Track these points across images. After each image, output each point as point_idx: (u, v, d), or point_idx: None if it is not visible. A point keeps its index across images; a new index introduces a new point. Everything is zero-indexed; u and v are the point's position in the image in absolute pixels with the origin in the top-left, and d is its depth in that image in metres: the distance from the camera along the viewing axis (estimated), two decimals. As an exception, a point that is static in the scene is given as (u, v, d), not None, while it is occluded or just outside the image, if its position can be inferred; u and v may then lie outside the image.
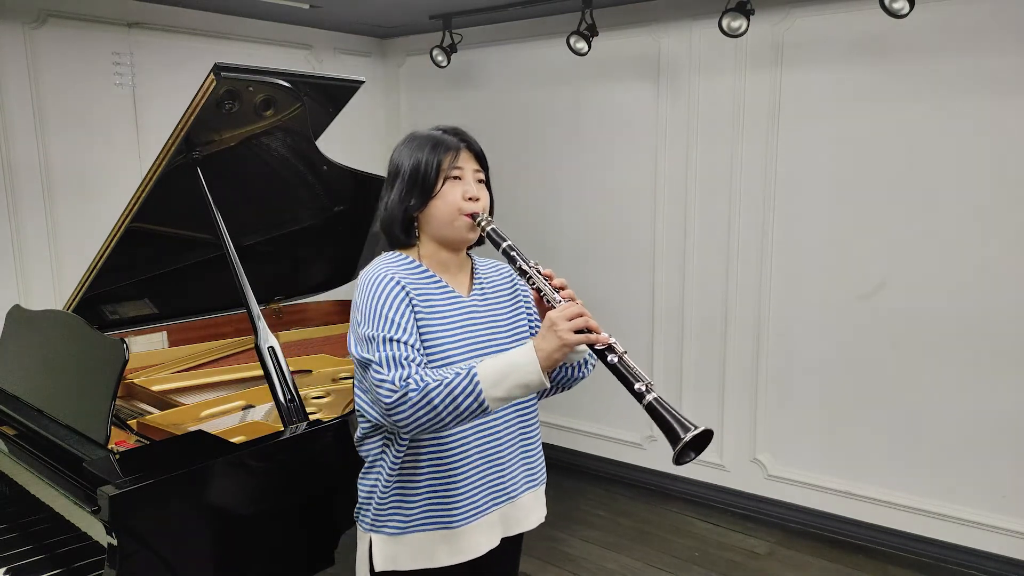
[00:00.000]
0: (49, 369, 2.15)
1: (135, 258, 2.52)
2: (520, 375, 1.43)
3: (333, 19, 4.11)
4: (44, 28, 3.29)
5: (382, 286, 1.54)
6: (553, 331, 1.43)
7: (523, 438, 1.71)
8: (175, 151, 2.14)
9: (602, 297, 4.05)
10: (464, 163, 1.63)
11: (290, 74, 2.23)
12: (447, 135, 1.65)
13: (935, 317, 3.11)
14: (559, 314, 1.44)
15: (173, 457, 1.81)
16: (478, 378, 1.42)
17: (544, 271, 1.56)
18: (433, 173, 1.59)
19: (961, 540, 3.15)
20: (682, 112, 3.65)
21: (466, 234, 1.62)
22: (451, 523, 1.58)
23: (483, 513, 1.62)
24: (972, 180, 2.98)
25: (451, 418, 1.43)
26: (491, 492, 1.64)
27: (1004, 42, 2.86)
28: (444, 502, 1.58)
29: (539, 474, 1.77)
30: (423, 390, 1.41)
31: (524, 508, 1.72)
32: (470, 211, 1.60)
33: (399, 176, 1.62)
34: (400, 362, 1.45)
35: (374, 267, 1.60)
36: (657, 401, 1.39)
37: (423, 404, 1.41)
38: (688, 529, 3.57)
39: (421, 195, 1.60)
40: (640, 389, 1.40)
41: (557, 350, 1.43)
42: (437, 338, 1.56)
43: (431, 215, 1.61)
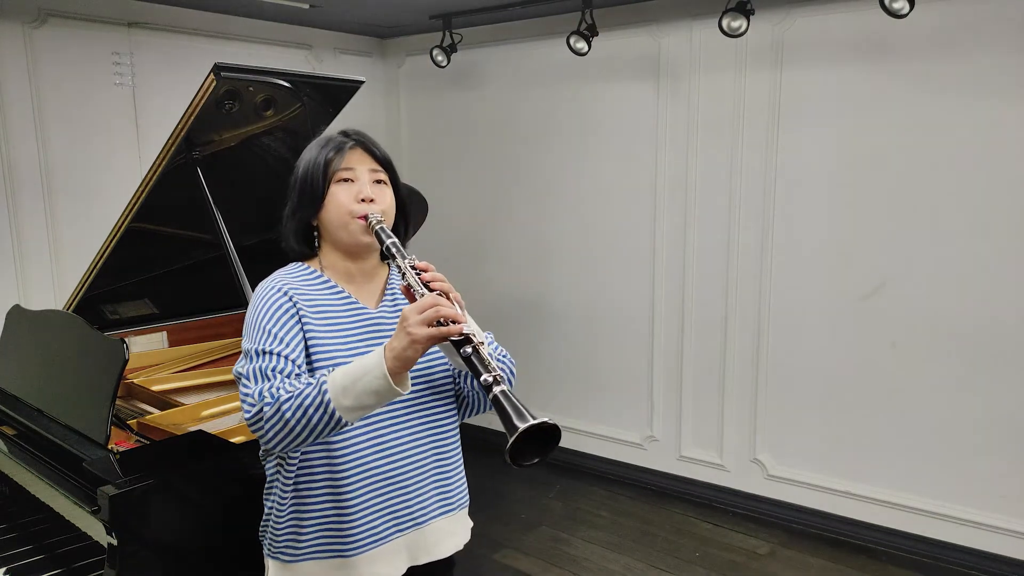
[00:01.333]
0: (49, 369, 2.15)
1: (135, 258, 2.52)
2: (368, 381, 1.29)
3: (333, 19, 4.11)
4: (44, 28, 3.29)
5: (266, 297, 1.45)
6: (403, 327, 1.29)
7: (438, 459, 1.56)
8: (175, 151, 2.14)
9: (602, 297, 4.05)
10: (355, 163, 1.51)
11: (290, 74, 2.23)
12: (339, 136, 1.54)
13: (935, 317, 3.11)
14: (411, 308, 1.31)
15: (173, 457, 1.81)
16: (327, 387, 1.29)
17: (419, 264, 1.43)
18: (320, 176, 1.49)
19: (961, 540, 3.15)
20: (682, 112, 3.65)
21: (360, 237, 1.50)
22: (345, 551, 1.46)
23: (383, 541, 1.49)
24: (972, 180, 2.98)
25: (307, 432, 1.31)
26: (393, 517, 1.50)
27: (1004, 42, 2.86)
28: (338, 528, 1.46)
29: (456, 498, 1.61)
30: (276, 403, 1.30)
31: (435, 534, 1.57)
32: (361, 213, 1.48)
33: (294, 184, 1.54)
34: (266, 374, 1.36)
35: (267, 279, 1.51)
36: (504, 393, 1.25)
37: (276, 419, 1.30)
38: (690, 529, 3.56)
39: (311, 201, 1.50)
40: (487, 380, 1.27)
41: (407, 348, 1.28)
42: (331, 351, 1.45)
43: (325, 221, 1.51)
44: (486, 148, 4.35)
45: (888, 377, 3.25)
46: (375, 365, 1.29)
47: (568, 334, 4.21)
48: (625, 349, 4.01)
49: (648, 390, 3.95)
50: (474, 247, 4.49)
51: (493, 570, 3.21)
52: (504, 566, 3.24)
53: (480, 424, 4.50)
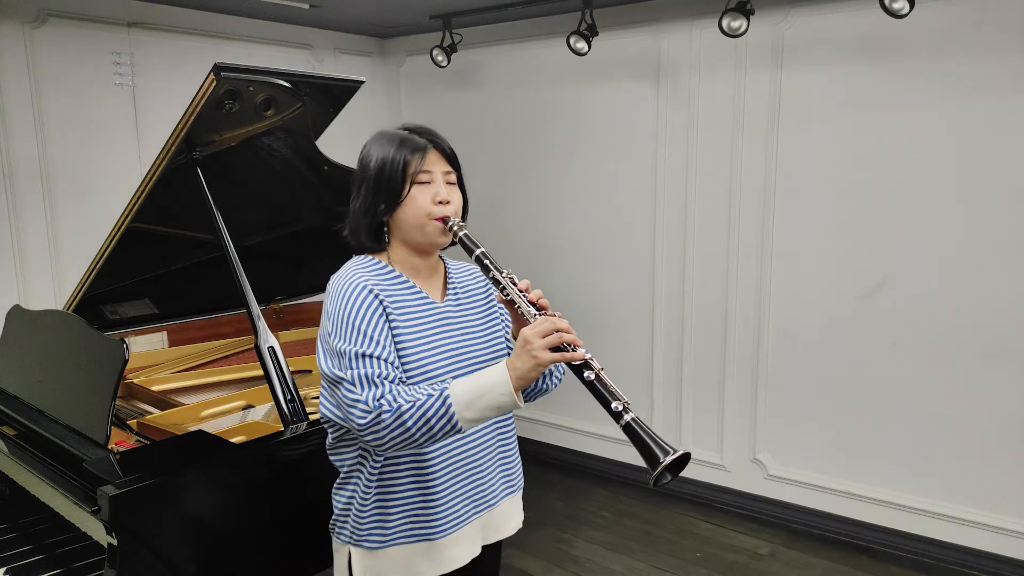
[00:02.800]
0: (49, 369, 2.15)
1: (135, 258, 2.52)
2: (493, 397, 1.38)
3: (333, 19, 4.11)
4: (44, 28, 3.29)
5: (354, 295, 1.47)
6: (527, 350, 1.37)
7: (501, 444, 1.67)
8: (175, 151, 2.14)
9: (602, 297, 4.05)
10: (433, 165, 1.55)
11: (290, 74, 2.22)
12: (414, 134, 1.57)
13: (935, 317, 3.11)
14: (533, 331, 1.38)
15: (173, 457, 1.81)
16: (451, 400, 1.37)
17: (519, 283, 1.49)
18: (400, 176, 1.52)
19: (961, 540, 3.15)
20: (682, 112, 3.65)
21: (437, 239, 1.55)
22: (432, 535, 1.54)
23: (464, 523, 1.58)
24: (972, 179, 2.98)
25: (425, 438, 1.39)
26: (472, 501, 1.60)
27: (1004, 42, 2.86)
28: (425, 514, 1.53)
29: (517, 480, 1.73)
30: (396, 412, 1.37)
31: (503, 515, 1.68)
32: (440, 215, 1.53)
33: (365, 178, 1.56)
34: (373, 380, 1.40)
35: (345, 274, 1.53)
36: (635, 421, 1.33)
37: (396, 426, 1.37)
38: (691, 530, 3.56)
39: (388, 200, 1.53)
40: (617, 408, 1.35)
41: (532, 370, 1.37)
42: (413, 347, 1.50)
43: (400, 220, 1.54)
44: (486, 148, 4.35)
45: (888, 377, 3.25)
46: (500, 383, 1.38)
47: (568, 334, 4.20)
48: (625, 349, 4.01)
49: (648, 390, 3.95)
50: (474, 247, 4.48)
51: (493, 570, 3.21)
52: (506, 565, 3.23)
53: (480, 424, 4.50)
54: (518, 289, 1.48)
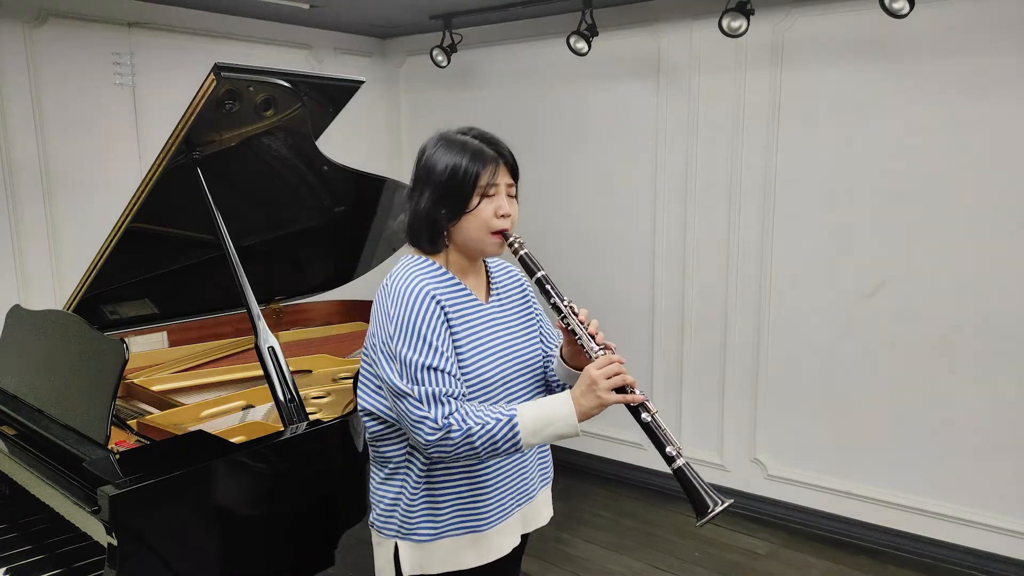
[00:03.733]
0: (49, 369, 2.15)
1: (135, 258, 2.52)
2: (558, 427, 1.47)
3: (333, 19, 4.11)
4: (44, 28, 3.29)
5: (419, 301, 1.49)
6: (593, 391, 1.46)
7: None
8: (175, 151, 2.14)
9: (602, 297, 4.05)
10: (500, 178, 1.57)
11: (290, 74, 2.22)
12: (484, 145, 1.57)
13: (935, 317, 3.11)
14: (599, 372, 1.46)
15: (173, 457, 1.81)
16: (518, 428, 1.45)
17: (579, 313, 1.56)
18: (469, 188, 1.53)
19: (961, 540, 3.15)
20: (682, 112, 3.65)
21: (494, 251, 1.60)
22: (480, 527, 1.60)
23: (508, 514, 1.65)
24: (972, 180, 2.98)
25: (488, 456, 1.47)
26: (516, 494, 1.67)
27: (1004, 42, 2.86)
28: (474, 506, 1.59)
29: (550, 470, 1.83)
30: (465, 432, 1.43)
31: (539, 505, 1.78)
32: (500, 228, 1.56)
33: (430, 181, 1.55)
34: (440, 399, 1.45)
35: (406, 275, 1.54)
36: (687, 467, 1.44)
37: (464, 444, 1.44)
38: (690, 530, 3.56)
39: (454, 208, 1.54)
40: (671, 453, 1.45)
41: (596, 408, 1.47)
42: (468, 351, 1.55)
43: (461, 228, 1.56)
44: (486, 148, 4.34)
45: (888, 377, 3.25)
46: (566, 416, 1.47)
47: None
48: (625, 348, 3.97)
49: (648, 390, 3.95)
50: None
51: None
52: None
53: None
54: (578, 320, 1.55)
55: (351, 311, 3.39)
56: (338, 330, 3.18)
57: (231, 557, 1.81)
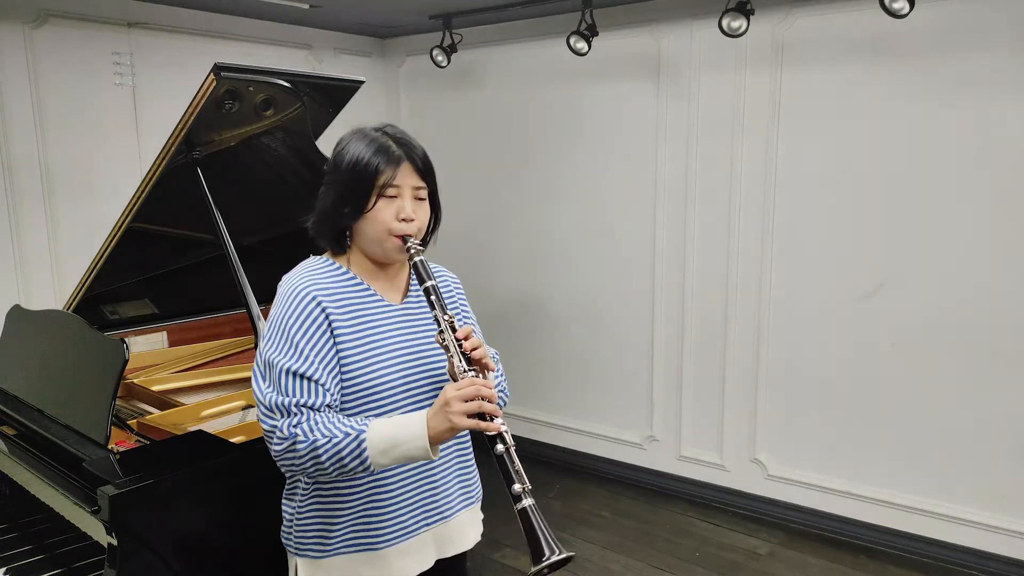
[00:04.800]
0: (49, 369, 2.15)
1: (135, 258, 2.52)
2: (407, 448, 1.38)
3: (333, 19, 4.11)
4: (44, 28, 3.29)
5: (298, 305, 1.45)
6: (444, 411, 1.36)
7: (459, 454, 1.64)
8: (175, 151, 2.14)
9: (602, 297, 4.05)
10: (402, 179, 1.49)
11: (290, 74, 2.22)
12: (392, 143, 1.51)
13: (935, 317, 3.11)
14: (456, 393, 1.36)
15: (173, 457, 1.81)
16: (365, 444, 1.37)
17: (459, 330, 1.45)
18: (368, 185, 1.48)
19: (961, 540, 3.15)
20: (682, 112, 3.65)
21: (395, 256, 1.53)
22: (376, 545, 1.51)
23: (412, 533, 1.55)
24: (972, 180, 2.98)
25: (337, 473, 1.40)
26: (423, 512, 1.56)
27: (1004, 42, 2.86)
28: (369, 523, 1.51)
29: (476, 491, 1.69)
30: (311, 444, 1.37)
31: (459, 527, 1.64)
32: (400, 232, 1.49)
33: (336, 176, 1.52)
34: (292, 408, 1.39)
35: (295, 276, 1.51)
36: (532, 508, 1.33)
37: (310, 457, 1.37)
38: (690, 529, 3.56)
39: (355, 206, 1.49)
40: (518, 491, 1.34)
41: (447, 431, 1.37)
42: (360, 350, 1.47)
43: (362, 230, 1.52)
44: (486, 148, 4.35)
45: (888, 377, 3.25)
46: (416, 436, 1.38)
47: (568, 334, 4.21)
48: (625, 349, 4.01)
49: (648, 390, 3.95)
50: (474, 247, 4.49)
51: (493, 570, 3.21)
52: (504, 566, 3.24)
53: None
54: (455, 337, 1.44)
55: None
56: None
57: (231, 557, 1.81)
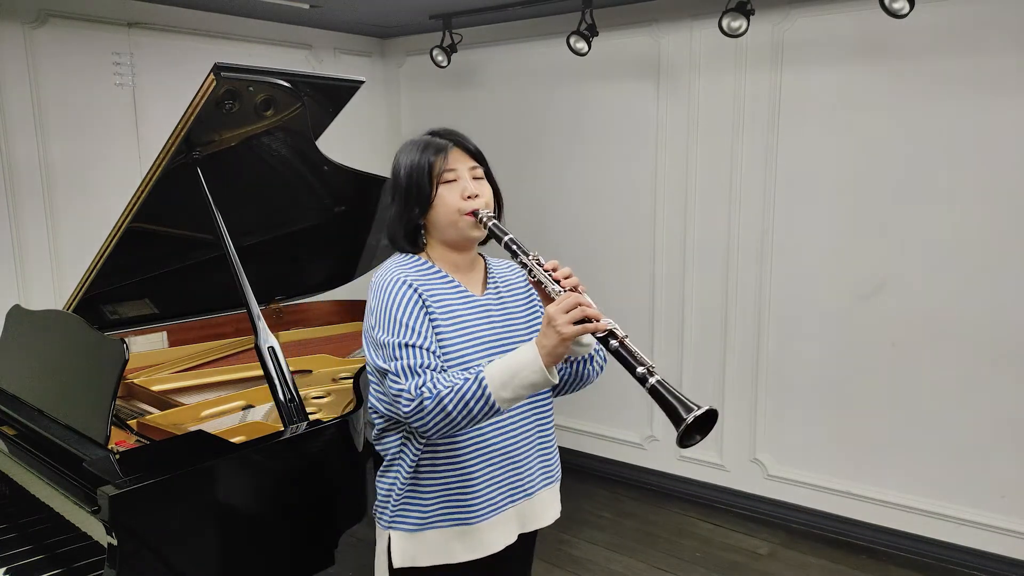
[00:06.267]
0: (49, 369, 2.15)
1: (135, 258, 2.52)
2: (526, 375, 1.43)
3: (333, 19, 4.11)
4: (44, 28, 3.29)
5: (394, 290, 1.54)
6: (552, 327, 1.42)
7: (540, 435, 1.72)
8: (175, 151, 2.14)
9: (602, 296, 4.04)
10: (456, 163, 1.61)
11: (290, 74, 2.22)
12: (435, 137, 1.64)
13: (935, 317, 3.11)
14: (556, 308, 1.43)
15: (173, 457, 1.81)
16: (486, 382, 1.43)
17: (546, 264, 1.53)
18: (426, 179, 1.58)
19: (961, 540, 3.15)
20: (682, 112, 3.65)
21: (470, 233, 1.61)
22: (468, 519, 1.59)
23: (500, 509, 1.63)
24: (972, 180, 2.98)
25: (465, 421, 1.45)
26: (509, 488, 1.65)
27: (1004, 42, 2.86)
28: (461, 498, 1.59)
29: (555, 471, 1.79)
30: (436, 397, 1.43)
31: (541, 504, 1.74)
32: (470, 209, 1.59)
33: (397, 186, 1.63)
34: (415, 370, 1.47)
35: (385, 270, 1.60)
36: (660, 384, 1.38)
37: (438, 411, 1.44)
38: (691, 530, 3.56)
39: (419, 204, 1.60)
40: (642, 373, 1.40)
41: (559, 345, 1.42)
42: (453, 338, 1.56)
43: (434, 220, 1.61)
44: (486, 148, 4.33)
45: (888, 377, 3.25)
46: (531, 361, 1.43)
47: (568, 334, 4.20)
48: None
49: (648, 390, 3.95)
50: (474, 247, 4.49)
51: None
52: (504, 566, 3.24)
53: (480, 424, 4.50)
54: (543, 269, 1.52)
55: (351, 311, 3.39)
56: (338, 330, 3.18)
57: (231, 557, 1.81)
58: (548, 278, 1.51)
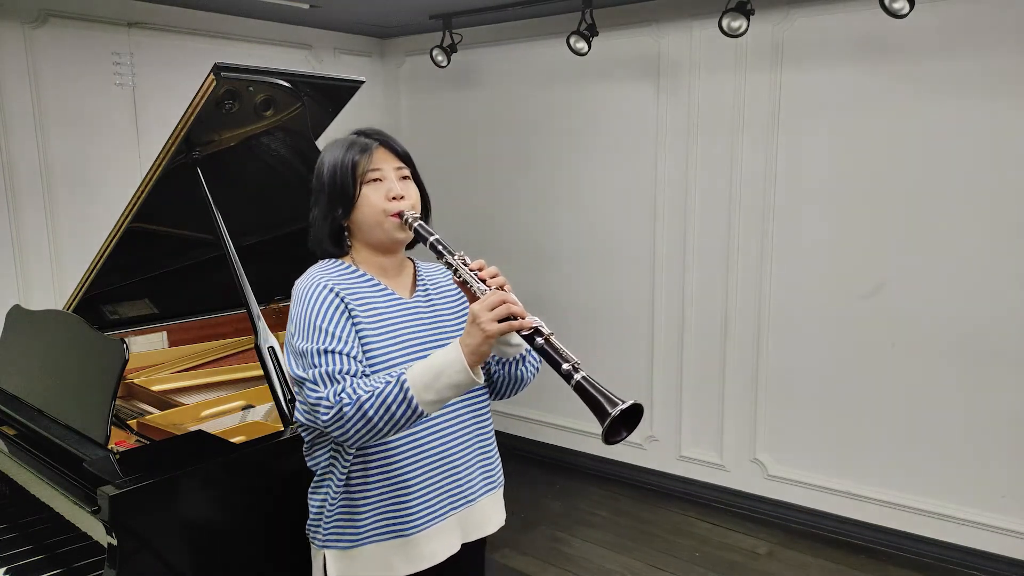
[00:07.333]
0: (49, 369, 2.15)
1: (135, 258, 2.52)
2: (450, 375, 1.37)
3: (333, 19, 4.11)
4: (44, 28, 3.29)
5: (316, 295, 1.49)
6: (476, 324, 1.37)
7: (480, 439, 1.66)
8: (175, 151, 2.14)
9: (602, 296, 4.05)
10: (381, 162, 1.57)
11: (290, 74, 2.22)
12: (360, 136, 1.59)
13: (935, 317, 3.11)
14: (480, 306, 1.38)
15: (173, 457, 1.81)
16: (408, 384, 1.37)
17: (471, 263, 1.48)
18: (350, 178, 1.53)
19: (961, 540, 3.15)
20: (682, 112, 3.65)
21: (396, 234, 1.56)
22: (406, 530, 1.53)
23: (440, 518, 1.57)
24: (972, 179, 2.98)
25: (388, 427, 1.39)
26: (448, 496, 1.58)
27: (1004, 42, 2.86)
28: (397, 509, 1.52)
29: (498, 476, 1.72)
30: (356, 403, 1.37)
31: (483, 512, 1.67)
32: (395, 211, 1.54)
33: (321, 187, 1.57)
34: (334, 376, 1.41)
35: (307, 276, 1.55)
36: (585, 379, 1.32)
37: (358, 417, 1.38)
38: (689, 529, 3.56)
39: (343, 204, 1.55)
40: (567, 369, 1.34)
41: (483, 343, 1.37)
42: (379, 342, 1.51)
43: (358, 222, 1.56)
44: (486, 148, 4.35)
45: (888, 377, 3.25)
46: (454, 360, 1.37)
47: (568, 333, 4.17)
48: (625, 349, 4.01)
49: (648, 390, 3.95)
50: (474, 247, 4.46)
51: (491, 569, 3.21)
52: (502, 566, 3.24)
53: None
54: (469, 269, 1.47)
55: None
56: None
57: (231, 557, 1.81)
58: (473, 277, 1.46)
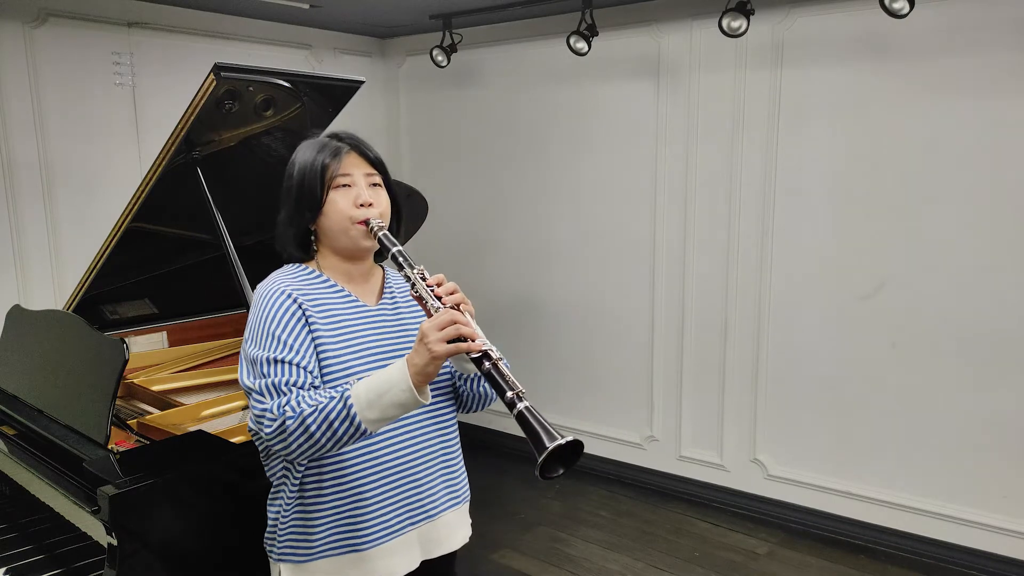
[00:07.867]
0: (49, 369, 2.15)
1: (135, 258, 2.52)
2: (394, 394, 1.33)
3: (333, 19, 4.11)
4: (44, 28, 3.29)
5: (272, 302, 1.45)
6: (423, 343, 1.33)
7: (444, 451, 1.60)
8: (175, 151, 2.14)
9: (602, 297, 4.05)
10: (352, 168, 1.52)
11: (290, 74, 2.23)
12: (333, 139, 1.55)
13: (935, 317, 3.11)
14: (430, 324, 1.34)
15: (173, 457, 1.81)
16: (351, 401, 1.33)
17: (430, 278, 1.44)
18: (318, 182, 1.50)
19: (961, 540, 3.15)
20: (682, 112, 3.65)
21: (362, 242, 1.52)
22: (361, 544, 1.48)
23: (397, 533, 1.52)
24: (972, 180, 2.98)
25: (331, 443, 1.35)
26: (408, 510, 1.53)
27: (1004, 42, 2.86)
28: (352, 522, 1.48)
29: (463, 491, 1.66)
30: (299, 417, 1.33)
31: (446, 528, 1.61)
32: (362, 218, 1.50)
33: (290, 188, 1.54)
34: (280, 388, 1.38)
35: (268, 281, 1.52)
36: (528, 410, 1.28)
37: (300, 432, 1.34)
38: (689, 529, 3.56)
39: (309, 208, 1.51)
40: (511, 397, 1.30)
41: (429, 363, 1.33)
42: (337, 348, 1.47)
43: (325, 226, 1.52)
44: (486, 148, 4.35)
45: (888, 377, 3.25)
46: (399, 379, 1.33)
47: (568, 334, 4.21)
48: (625, 349, 4.01)
49: (648, 390, 3.95)
50: (474, 247, 4.49)
51: (491, 570, 3.21)
52: (502, 566, 3.24)
53: (478, 423, 4.50)
54: (426, 284, 1.43)
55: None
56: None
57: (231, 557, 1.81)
58: (430, 293, 1.41)
